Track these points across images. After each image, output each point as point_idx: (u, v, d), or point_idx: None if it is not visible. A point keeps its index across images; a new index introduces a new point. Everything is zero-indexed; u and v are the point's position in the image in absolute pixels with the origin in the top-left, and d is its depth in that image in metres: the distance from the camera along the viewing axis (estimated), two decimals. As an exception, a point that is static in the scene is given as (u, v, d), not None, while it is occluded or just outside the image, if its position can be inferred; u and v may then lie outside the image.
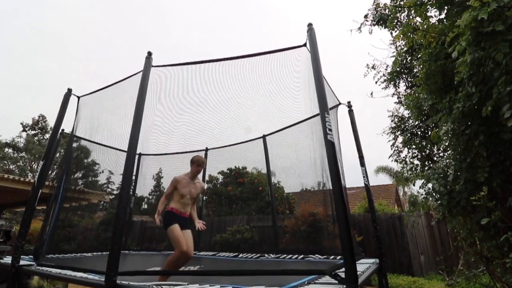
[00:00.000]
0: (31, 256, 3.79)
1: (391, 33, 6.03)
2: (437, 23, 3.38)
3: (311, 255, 4.42)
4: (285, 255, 4.71)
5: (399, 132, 5.92)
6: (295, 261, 4.28)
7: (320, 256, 4.32)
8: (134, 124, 2.54)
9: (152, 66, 2.90)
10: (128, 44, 60.62)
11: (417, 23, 3.72)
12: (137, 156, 5.07)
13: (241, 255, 5.12)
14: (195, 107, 4.09)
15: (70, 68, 48.90)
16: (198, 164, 3.56)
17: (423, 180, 3.40)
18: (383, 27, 6.60)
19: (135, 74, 3.18)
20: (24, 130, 27.40)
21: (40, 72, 43.01)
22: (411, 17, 4.02)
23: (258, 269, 2.83)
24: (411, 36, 3.54)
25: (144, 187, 7.04)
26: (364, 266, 3.21)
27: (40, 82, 43.07)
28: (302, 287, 1.94)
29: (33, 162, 26.01)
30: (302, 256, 4.50)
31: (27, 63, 42.32)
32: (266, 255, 4.91)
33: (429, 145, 4.97)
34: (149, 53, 2.94)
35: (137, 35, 63.31)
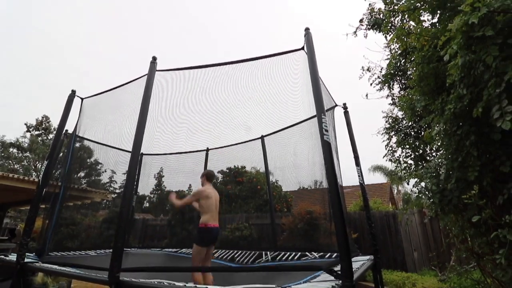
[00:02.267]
0: (35, 254, 3.83)
1: (386, 36, 6.16)
2: (430, 27, 3.43)
3: (308, 252, 4.50)
4: (283, 252, 4.78)
5: (393, 133, 6.02)
6: (292, 257, 4.35)
7: (317, 253, 4.39)
8: (139, 126, 2.59)
9: (157, 70, 2.95)
10: (128, 43, 60.34)
11: (411, 27, 3.80)
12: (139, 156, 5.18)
13: (238, 258, 5.17)
14: (197, 108, 4.16)
15: (71, 68, 48.62)
16: (207, 177, 3.94)
17: (416, 179, 3.46)
18: (378, 31, 6.69)
19: (139, 78, 3.23)
20: (28, 131, 27.42)
21: (40, 72, 42.71)
22: (404, 21, 4.09)
23: (257, 265, 2.89)
24: (405, 40, 3.59)
25: (145, 186, 7.08)
26: (359, 262, 3.29)
27: (40, 82, 42.77)
28: (299, 285, 2.00)
29: (37, 162, 26.04)
30: (299, 253, 4.57)
31: (27, 63, 42.00)
32: (264, 253, 4.98)
33: (422, 145, 5.06)
34: (154, 58, 3.00)
35: (138, 35, 62.96)
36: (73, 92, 4.16)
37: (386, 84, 6.50)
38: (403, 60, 5.59)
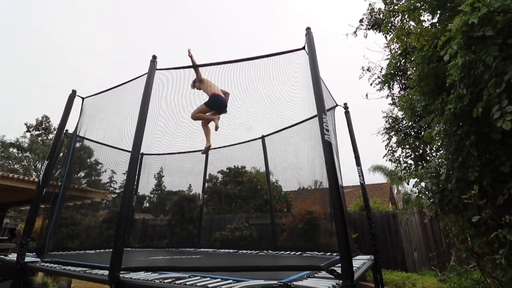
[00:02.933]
0: (35, 254, 3.83)
1: (386, 36, 6.16)
2: (430, 27, 3.43)
3: (308, 252, 4.50)
4: (283, 252, 4.78)
5: (393, 133, 6.02)
6: (293, 257, 4.35)
7: (317, 253, 4.39)
8: (139, 125, 2.59)
9: (157, 69, 2.95)
10: (128, 43, 60.32)
11: (411, 27, 3.80)
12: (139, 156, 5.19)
13: (240, 252, 5.19)
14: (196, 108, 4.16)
15: (71, 68, 48.68)
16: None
17: (416, 179, 3.46)
18: (378, 31, 6.69)
19: (139, 77, 3.23)
20: (28, 131, 27.46)
21: (40, 72, 42.77)
22: (404, 21, 4.09)
23: (256, 265, 2.88)
24: (405, 40, 3.59)
25: (145, 186, 7.07)
26: (360, 262, 3.28)
27: (40, 82, 42.83)
28: (301, 281, 2.00)
29: (37, 162, 26.11)
30: (299, 252, 4.57)
31: (27, 63, 42.05)
32: (265, 251, 4.98)
33: (422, 145, 5.06)
34: (154, 57, 3.00)
35: (138, 35, 62.92)
36: (74, 92, 4.17)
37: (386, 84, 6.51)
38: (403, 60, 5.59)
